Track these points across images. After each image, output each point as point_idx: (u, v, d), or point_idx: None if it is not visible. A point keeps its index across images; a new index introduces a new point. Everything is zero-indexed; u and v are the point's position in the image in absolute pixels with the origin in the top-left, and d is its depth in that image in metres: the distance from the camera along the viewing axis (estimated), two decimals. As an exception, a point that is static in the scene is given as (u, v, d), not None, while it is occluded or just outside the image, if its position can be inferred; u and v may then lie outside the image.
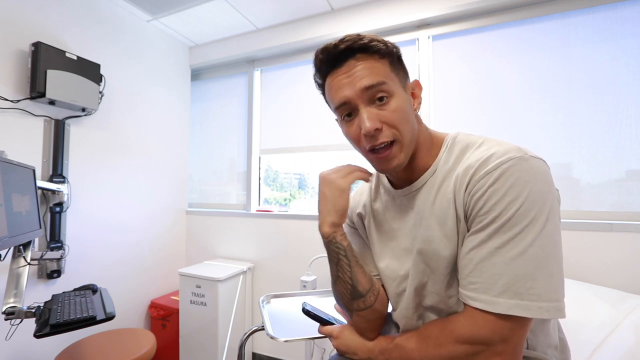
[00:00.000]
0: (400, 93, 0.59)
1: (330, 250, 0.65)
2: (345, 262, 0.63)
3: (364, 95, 0.57)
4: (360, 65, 0.57)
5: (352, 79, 0.57)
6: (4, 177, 0.97)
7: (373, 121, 0.56)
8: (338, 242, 0.64)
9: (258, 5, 1.86)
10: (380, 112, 0.57)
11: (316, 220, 0.67)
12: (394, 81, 0.59)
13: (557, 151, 1.48)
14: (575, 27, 1.47)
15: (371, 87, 0.56)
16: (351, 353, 0.67)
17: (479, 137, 0.60)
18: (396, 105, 0.57)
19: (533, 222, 0.48)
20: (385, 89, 0.57)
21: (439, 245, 0.58)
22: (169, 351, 1.91)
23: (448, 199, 0.57)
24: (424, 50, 1.75)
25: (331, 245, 0.64)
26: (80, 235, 1.65)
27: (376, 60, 0.58)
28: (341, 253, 0.63)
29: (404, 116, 0.58)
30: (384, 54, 0.58)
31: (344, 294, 0.65)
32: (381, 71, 0.57)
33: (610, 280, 1.27)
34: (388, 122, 0.57)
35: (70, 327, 0.95)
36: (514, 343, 0.49)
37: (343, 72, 0.58)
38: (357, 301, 0.64)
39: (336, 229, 0.64)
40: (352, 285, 0.63)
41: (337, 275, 0.65)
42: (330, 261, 0.66)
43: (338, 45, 0.58)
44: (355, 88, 0.57)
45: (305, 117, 2.06)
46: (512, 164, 0.50)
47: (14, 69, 1.41)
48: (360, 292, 0.63)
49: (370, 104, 0.57)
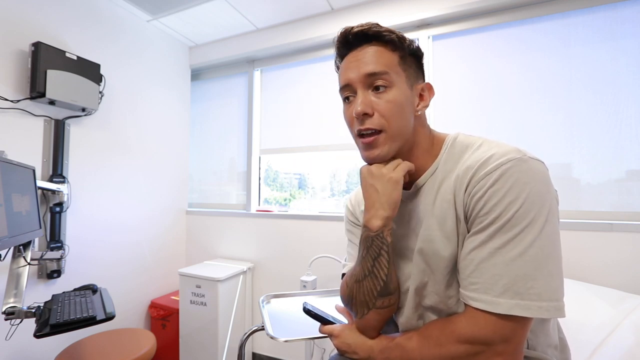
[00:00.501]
0: (402, 88, 0.60)
1: (373, 244, 0.61)
2: (385, 259, 0.61)
3: (366, 81, 0.59)
4: (371, 52, 0.60)
5: (359, 63, 0.60)
6: (4, 177, 0.97)
7: (365, 105, 0.59)
8: (384, 236, 0.60)
9: (258, 5, 1.86)
10: (376, 99, 0.59)
11: (316, 220, 0.67)
12: (399, 75, 0.60)
13: (557, 151, 1.48)
14: (575, 27, 1.47)
15: (373, 74, 0.58)
16: (351, 352, 0.66)
17: (479, 137, 0.61)
18: (393, 96, 0.59)
19: (532, 223, 0.48)
20: (386, 79, 0.58)
21: (439, 245, 0.58)
22: (169, 351, 1.91)
23: (448, 200, 0.57)
24: (424, 50, 1.74)
25: (376, 240, 0.61)
26: (80, 235, 1.65)
27: (387, 51, 0.60)
28: (384, 249, 0.60)
29: (397, 109, 0.59)
30: (396, 47, 0.60)
31: (371, 290, 0.62)
32: (388, 61, 0.59)
33: (610, 280, 1.27)
34: (380, 110, 0.59)
35: (70, 327, 0.95)
36: (515, 343, 0.50)
37: (354, 55, 0.61)
38: (384, 299, 0.62)
39: (387, 222, 0.61)
40: (385, 282, 0.61)
41: (370, 271, 0.62)
42: (366, 256, 0.62)
43: (354, 28, 0.61)
44: (359, 72, 0.59)
45: (305, 117, 2.06)
46: (511, 165, 0.50)
47: (14, 69, 1.41)
48: (390, 290, 0.62)
49: (369, 89, 0.60)
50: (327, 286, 1.74)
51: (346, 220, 0.85)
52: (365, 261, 0.63)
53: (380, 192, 0.60)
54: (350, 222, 0.82)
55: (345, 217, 0.85)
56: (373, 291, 0.62)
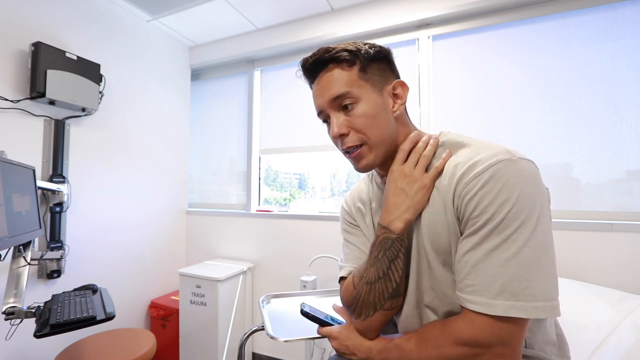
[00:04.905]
0: (370, 98, 0.62)
1: (393, 246, 0.61)
2: (401, 261, 0.61)
3: (333, 104, 0.63)
4: (330, 76, 0.63)
5: (323, 89, 0.64)
6: (4, 177, 0.97)
7: (339, 127, 0.63)
8: (404, 239, 0.61)
9: (258, 5, 1.86)
10: (348, 117, 0.63)
11: (316, 220, 0.67)
12: (362, 87, 0.62)
13: (557, 151, 1.48)
14: (575, 27, 1.47)
15: (337, 97, 0.62)
16: (350, 353, 0.67)
17: (467, 137, 0.61)
18: (362, 111, 0.62)
19: (524, 224, 0.49)
20: (350, 97, 0.62)
21: (432, 241, 0.59)
22: (169, 351, 1.91)
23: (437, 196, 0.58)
24: (424, 50, 1.75)
25: (396, 242, 0.61)
26: (80, 235, 1.65)
27: (344, 70, 0.63)
28: (402, 251, 0.61)
29: (370, 121, 0.62)
30: (352, 62, 0.63)
31: (382, 292, 0.62)
32: (347, 80, 0.62)
33: (610, 280, 1.27)
34: (354, 127, 0.62)
35: (70, 327, 0.95)
36: (513, 344, 0.50)
37: (318, 82, 0.66)
38: (393, 300, 0.62)
39: (408, 226, 0.61)
40: (398, 284, 0.61)
41: (385, 273, 0.62)
42: (382, 257, 0.62)
43: (309, 59, 0.66)
44: (324, 98, 0.64)
45: (305, 117, 2.06)
46: (501, 166, 0.51)
47: (14, 69, 1.41)
48: (400, 291, 0.62)
49: (339, 110, 0.64)
50: (327, 286, 1.74)
51: (342, 221, 0.84)
52: (381, 263, 0.62)
53: (410, 195, 0.60)
54: (347, 222, 0.82)
55: (341, 217, 0.85)
56: (384, 293, 0.62)
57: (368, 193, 0.78)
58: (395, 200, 0.62)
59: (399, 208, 0.61)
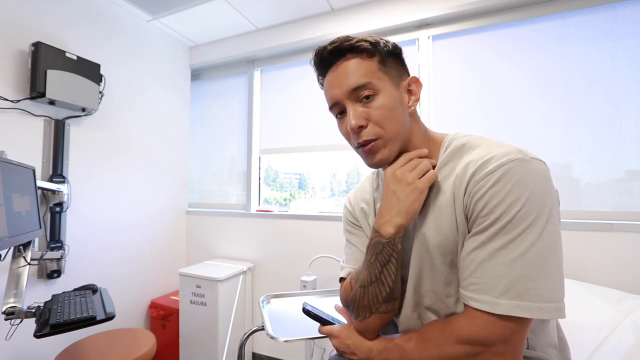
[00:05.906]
0: (389, 91, 0.60)
1: (384, 251, 0.60)
2: (394, 266, 0.60)
3: (352, 95, 0.60)
4: (349, 66, 0.60)
5: (341, 80, 0.61)
6: (4, 177, 0.97)
7: (358, 119, 0.59)
8: (395, 244, 0.60)
9: (258, 5, 1.86)
10: (366, 109, 0.60)
11: (316, 220, 0.66)
12: (381, 79, 0.60)
13: (557, 151, 1.48)
14: (575, 27, 1.47)
15: (357, 88, 0.59)
16: (350, 353, 0.67)
17: (478, 137, 0.61)
18: (381, 103, 0.59)
19: (534, 224, 0.48)
20: (371, 88, 0.59)
21: (437, 244, 0.58)
22: (169, 351, 1.91)
23: (446, 199, 0.57)
24: (424, 50, 1.75)
25: (387, 247, 0.60)
26: (80, 235, 1.65)
27: (364, 60, 0.60)
28: (394, 256, 0.60)
29: (389, 114, 0.59)
30: (372, 53, 0.61)
31: (376, 296, 0.62)
32: (368, 71, 0.60)
33: (610, 280, 1.27)
34: (373, 119, 0.59)
35: (70, 327, 0.95)
36: (515, 344, 0.50)
37: (334, 72, 0.62)
38: (388, 304, 0.62)
39: (400, 231, 0.59)
40: (392, 288, 0.61)
41: (377, 277, 0.61)
42: (375, 262, 0.61)
43: (327, 47, 0.62)
44: (342, 89, 0.60)
45: (305, 117, 2.06)
46: (512, 165, 0.50)
47: (14, 69, 1.41)
48: (395, 295, 0.62)
49: (357, 101, 0.61)
50: (327, 286, 1.74)
51: (345, 221, 0.83)
52: (373, 267, 0.62)
53: (401, 199, 0.59)
54: (349, 222, 0.81)
55: (343, 217, 0.84)
56: (378, 297, 0.62)
57: (372, 193, 0.77)
58: (386, 204, 0.61)
59: (389, 212, 0.60)
